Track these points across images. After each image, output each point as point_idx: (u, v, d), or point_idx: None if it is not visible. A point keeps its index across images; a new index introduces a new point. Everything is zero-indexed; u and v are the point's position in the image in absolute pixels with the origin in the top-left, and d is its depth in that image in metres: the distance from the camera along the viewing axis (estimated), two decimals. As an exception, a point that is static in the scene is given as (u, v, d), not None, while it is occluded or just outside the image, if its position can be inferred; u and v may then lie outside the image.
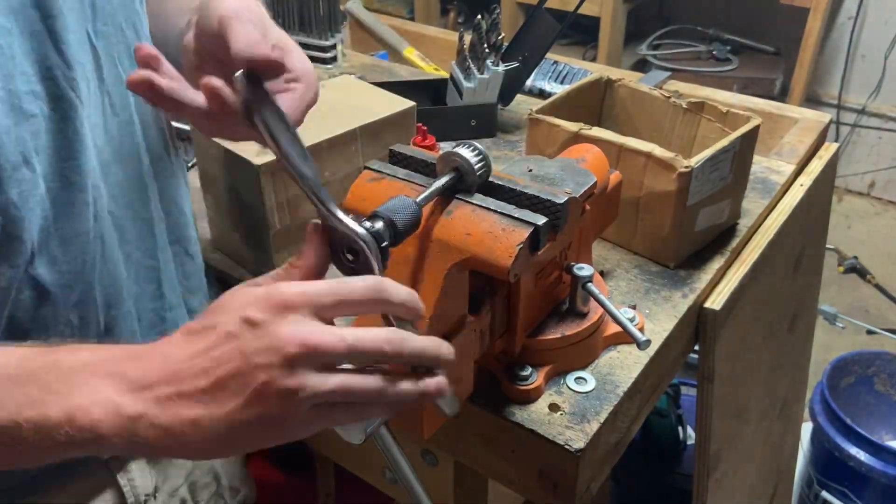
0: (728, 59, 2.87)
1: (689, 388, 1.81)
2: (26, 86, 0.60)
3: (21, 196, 0.60)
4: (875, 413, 1.87)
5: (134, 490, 0.79)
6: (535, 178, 0.75)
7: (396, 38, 1.64)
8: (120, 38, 0.70)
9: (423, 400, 0.52)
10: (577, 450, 0.69)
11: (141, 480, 0.80)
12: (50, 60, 0.61)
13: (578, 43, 3.05)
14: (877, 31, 3.02)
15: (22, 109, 0.59)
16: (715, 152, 0.88)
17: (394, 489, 0.98)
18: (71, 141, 0.63)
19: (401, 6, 3.26)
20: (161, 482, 0.83)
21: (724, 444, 1.05)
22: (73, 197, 0.64)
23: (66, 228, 0.64)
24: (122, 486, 0.78)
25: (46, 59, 0.61)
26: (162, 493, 0.83)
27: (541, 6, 1.26)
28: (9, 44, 0.58)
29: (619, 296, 0.89)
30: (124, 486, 0.78)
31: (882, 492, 1.64)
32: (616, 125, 1.08)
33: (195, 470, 0.88)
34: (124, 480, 0.78)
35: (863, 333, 2.53)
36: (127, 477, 0.78)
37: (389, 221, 0.56)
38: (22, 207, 0.60)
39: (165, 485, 0.84)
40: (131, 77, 0.58)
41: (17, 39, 0.59)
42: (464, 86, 1.24)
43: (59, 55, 0.62)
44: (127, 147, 0.71)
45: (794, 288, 1.22)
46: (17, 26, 0.59)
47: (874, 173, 3.28)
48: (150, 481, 0.81)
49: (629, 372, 0.78)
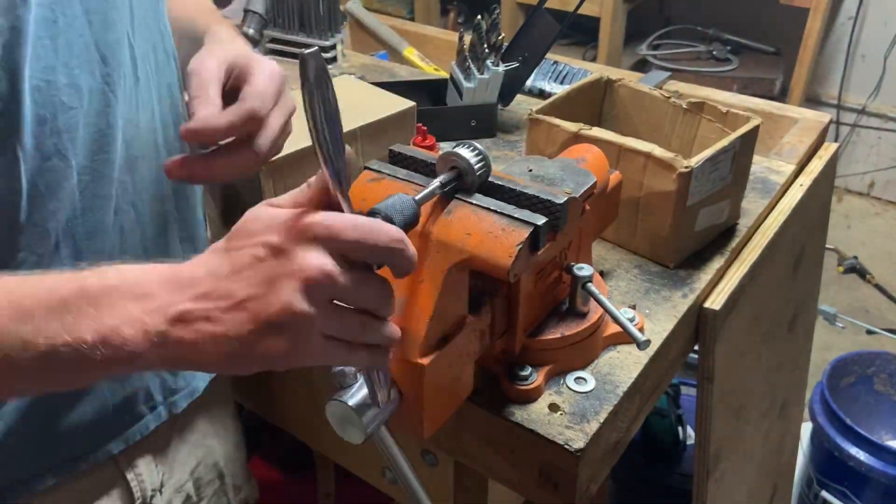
0: (728, 59, 2.87)
1: (689, 388, 1.81)
2: (67, 78, 0.61)
3: (48, 187, 0.62)
4: (875, 413, 1.87)
5: (141, 485, 0.80)
6: (535, 178, 0.75)
7: (396, 38, 1.64)
8: (148, 38, 0.72)
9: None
10: (577, 450, 0.69)
11: (148, 476, 0.80)
12: (91, 55, 0.63)
13: (578, 43, 3.05)
14: (877, 31, 3.02)
15: (62, 102, 0.61)
16: (715, 152, 0.88)
17: (394, 489, 0.98)
18: (104, 135, 0.65)
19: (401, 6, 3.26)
20: (167, 478, 0.83)
21: (724, 444, 1.05)
22: (101, 190, 0.66)
23: (91, 220, 0.66)
24: (129, 482, 0.79)
25: (87, 53, 0.63)
26: (168, 489, 0.84)
27: (541, 6, 1.26)
28: (52, 35, 0.60)
29: (619, 296, 0.89)
30: (132, 482, 0.79)
31: (882, 492, 1.64)
32: (616, 125, 1.08)
33: (199, 467, 0.89)
34: (132, 475, 0.79)
35: (862, 333, 2.53)
36: (134, 472, 0.79)
37: (387, 218, 0.56)
38: (50, 198, 0.62)
39: (171, 480, 0.84)
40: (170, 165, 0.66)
41: (62, 32, 0.61)
42: (464, 86, 1.24)
43: (99, 51, 0.64)
44: (151, 144, 0.73)
45: (794, 288, 1.22)
46: (62, 19, 0.60)
47: (874, 173, 3.28)
48: (157, 477, 0.82)
49: (629, 372, 0.78)
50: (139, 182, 0.72)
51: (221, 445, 0.92)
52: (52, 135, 0.61)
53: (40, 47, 0.59)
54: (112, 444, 0.76)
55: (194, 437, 0.88)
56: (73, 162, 0.63)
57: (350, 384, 0.61)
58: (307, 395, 1.02)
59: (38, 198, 0.62)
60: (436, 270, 0.63)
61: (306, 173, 0.89)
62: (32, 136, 0.60)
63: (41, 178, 0.61)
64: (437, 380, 0.64)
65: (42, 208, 0.62)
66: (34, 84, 0.59)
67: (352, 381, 0.61)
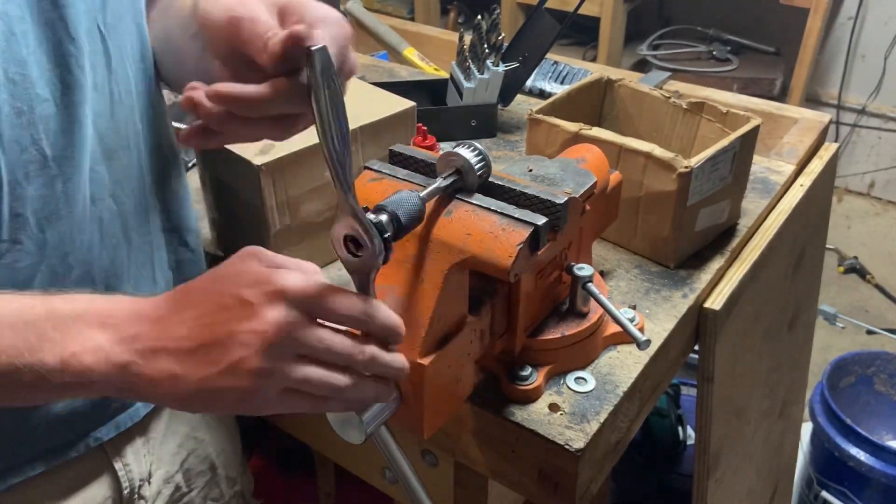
0: (728, 59, 2.87)
1: (689, 388, 1.81)
2: (39, 71, 0.62)
3: (27, 176, 0.63)
4: (875, 413, 1.87)
5: (129, 475, 0.80)
6: (535, 178, 0.75)
7: (396, 38, 1.64)
8: (127, 32, 0.72)
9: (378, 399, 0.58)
10: (577, 450, 0.69)
11: (136, 465, 0.80)
12: (62, 48, 0.64)
13: (578, 43, 3.05)
14: (877, 31, 3.02)
15: (36, 94, 0.62)
16: (715, 152, 0.88)
17: (394, 489, 0.98)
18: (75, 125, 0.66)
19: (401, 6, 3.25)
20: (155, 468, 0.83)
21: (724, 444, 1.05)
22: (73, 178, 0.66)
23: (68, 211, 0.67)
24: (117, 471, 0.79)
25: (59, 47, 0.63)
26: (156, 479, 0.84)
27: (541, 6, 1.26)
28: (23, 31, 0.60)
29: (619, 296, 0.89)
30: (119, 471, 0.79)
31: (882, 492, 1.64)
32: (616, 125, 1.08)
33: (190, 457, 0.89)
34: (119, 465, 0.79)
35: (862, 333, 2.53)
36: (122, 461, 0.79)
37: (393, 215, 0.56)
38: (27, 186, 0.63)
39: (160, 470, 0.84)
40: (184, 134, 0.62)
41: (31, 27, 0.61)
42: (464, 86, 1.24)
43: (71, 43, 0.64)
44: (129, 135, 0.73)
45: (794, 288, 1.22)
46: (30, 15, 0.61)
47: (874, 173, 3.28)
48: (146, 467, 0.82)
49: (629, 372, 0.78)
50: (118, 173, 0.72)
51: (214, 438, 0.92)
52: (28, 126, 0.62)
53: (13, 41, 0.60)
54: (102, 430, 0.76)
55: (185, 428, 0.88)
56: (48, 152, 0.64)
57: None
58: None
59: (17, 187, 0.62)
60: (436, 270, 0.63)
61: (306, 173, 0.89)
62: (10, 127, 0.61)
63: (20, 168, 0.62)
64: (437, 380, 0.64)
65: (22, 198, 0.63)
66: (10, 77, 0.60)
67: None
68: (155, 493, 0.84)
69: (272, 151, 0.86)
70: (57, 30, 0.63)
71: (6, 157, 0.61)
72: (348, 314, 0.54)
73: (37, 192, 0.64)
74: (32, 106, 0.62)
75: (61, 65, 0.64)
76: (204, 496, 0.92)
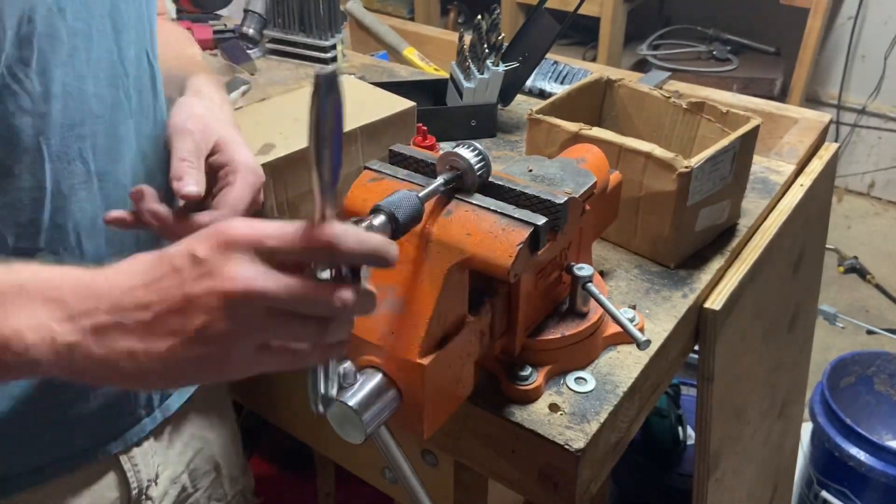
0: (728, 59, 2.87)
1: (689, 388, 1.81)
2: (94, 88, 0.65)
3: (71, 188, 0.64)
4: (875, 413, 1.87)
5: (137, 475, 0.80)
6: (535, 178, 0.75)
7: (396, 38, 1.64)
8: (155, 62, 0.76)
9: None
10: (577, 450, 0.69)
11: (144, 467, 0.80)
12: (115, 69, 0.67)
13: (578, 43, 3.05)
14: (877, 31, 3.02)
15: (89, 109, 0.64)
16: (715, 152, 0.88)
17: (394, 489, 0.98)
18: (121, 144, 0.68)
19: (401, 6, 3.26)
20: (162, 469, 0.84)
21: (724, 445, 1.05)
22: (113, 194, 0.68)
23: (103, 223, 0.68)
24: (126, 472, 0.79)
25: (113, 67, 0.66)
26: (163, 479, 0.84)
27: (541, 6, 1.26)
28: (86, 47, 0.63)
29: (619, 296, 0.89)
30: (128, 472, 0.79)
31: (882, 492, 1.64)
32: (616, 125, 1.08)
33: (196, 457, 0.89)
34: (128, 466, 0.79)
35: (862, 333, 2.53)
36: (131, 463, 0.79)
37: (391, 215, 0.56)
38: (70, 199, 0.64)
39: (167, 472, 0.84)
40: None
41: (93, 44, 0.64)
42: (464, 86, 1.24)
43: (121, 65, 0.67)
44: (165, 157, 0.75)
45: (794, 288, 1.22)
46: (94, 32, 0.64)
47: (874, 173, 3.28)
48: (153, 468, 0.82)
49: (629, 372, 0.78)
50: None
51: (218, 437, 0.92)
52: (77, 139, 0.64)
53: (75, 57, 0.62)
54: (111, 445, 0.76)
55: (191, 429, 0.88)
56: (92, 167, 0.66)
57: (350, 384, 0.61)
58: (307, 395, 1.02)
59: (60, 198, 0.64)
60: (436, 270, 0.63)
61: (306, 174, 0.89)
62: (60, 138, 0.62)
63: (64, 180, 0.64)
64: (437, 380, 0.64)
65: (63, 209, 0.64)
66: (66, 90, 0.62)
67: (352, 381, 0.61)
68: (162, 493, 0.84)
69: (272, 152, 0.86)
70: (112, 51, 0.66)
71: (52, 168, 0.63)
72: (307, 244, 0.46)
73: (78, 205, 0.65)
74: (84, 120, 0.64)
75: (113, 84, 0.67)
76: (208, 496, 0.93)
